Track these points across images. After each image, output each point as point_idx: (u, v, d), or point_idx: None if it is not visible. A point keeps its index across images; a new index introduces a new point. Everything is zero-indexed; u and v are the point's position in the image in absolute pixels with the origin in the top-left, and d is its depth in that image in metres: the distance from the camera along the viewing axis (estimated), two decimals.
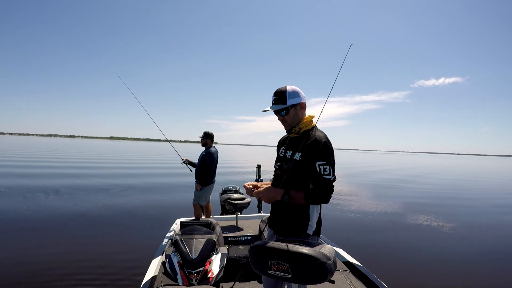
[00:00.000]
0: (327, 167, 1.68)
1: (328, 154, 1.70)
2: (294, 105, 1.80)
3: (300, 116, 1.84)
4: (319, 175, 1.68)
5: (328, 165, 1.69)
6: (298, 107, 1.82)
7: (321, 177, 1.68)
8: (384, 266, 4.51)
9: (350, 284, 2.62)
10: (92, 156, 30.86)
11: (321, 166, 1.68)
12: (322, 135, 1.76)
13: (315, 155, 1.70)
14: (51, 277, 3.73)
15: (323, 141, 1.72)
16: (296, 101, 1.80)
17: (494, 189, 16.49)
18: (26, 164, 19.08)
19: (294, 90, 1.81)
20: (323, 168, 1.68)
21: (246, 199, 4.87)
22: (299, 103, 1.81)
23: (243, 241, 3.94)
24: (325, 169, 1.68)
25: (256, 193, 1.83)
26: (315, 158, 1.69)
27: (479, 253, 5.36)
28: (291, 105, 1.80)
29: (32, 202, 7.99)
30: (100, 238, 5.30)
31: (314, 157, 1.70)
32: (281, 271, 1.49)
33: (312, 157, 1.70)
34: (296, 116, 1.83)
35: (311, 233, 1.77)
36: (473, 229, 7.17)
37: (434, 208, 9.76)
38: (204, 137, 4.95)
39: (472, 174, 28.62)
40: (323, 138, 1.73)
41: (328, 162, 1.69)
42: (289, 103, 1.79)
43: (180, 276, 2.72)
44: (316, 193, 1.69)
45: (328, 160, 1.70)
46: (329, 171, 1.68)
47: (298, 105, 1.81)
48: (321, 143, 1.71)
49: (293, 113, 1.82)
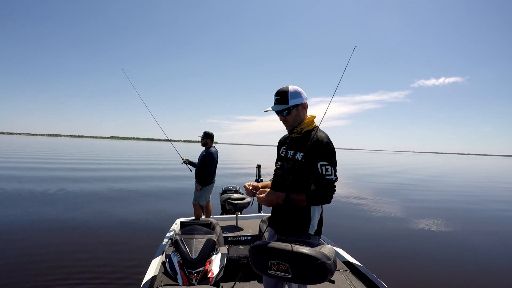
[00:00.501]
0: (329, 168, 1.68)
1: (330, 155, 1.70)
2: (296, 106, 1.80)
3: (301, 117, 1.84)
4: (321, 176, 1.68)
5: (330, 165, 1.68)
6: (300, 108, 1.82)
7: (322, 178, 1.68)
8: (384, 266, 4.52)
9: (350, 284, 2.63)
10: (92, 156, 30.86)
11: (323, 167, 1.68)
12: (324, 136, 1.75)
13: (317, 156, 1.69)
14: (51, 277, 3.73)
15: (325, 142, 1.72)
16: (298, 102, 1.80)
17: (498, 190, 16.47)
18: (25, 164, 19.09)
19: (296, 90, 1.80)
20: (325, 169, 1.67)
21: (246, 199, 4.87)
22: (301, 104, 1.81)
23: (243, 241, 3.94)
24: (327, 169, 1.67)
25: (258, 199, 1.81)
26: (317, 159, 1.69)
27: (479, 253, 5.36)
28: (293, 105, 1.79)
29: (32, 202, 7.99)
30: (100, 237, 5.30)
31: (316, 157, 1.69)
32: (281, 271, 1.49)
33: (314, 158, 1.70)
34: (298, 116, 1.83)
35: (313, 233, 1.77)
36: (474, 230, 7.17)
37: (435, 208, 9.76)
38: (204, 137, 4.94)
39: (477, 174, 28.61)
40: (325, 139, 1.73)
41: (330, 162, 1.69)
42: (291, 104, 1.79)
43: (180, 276, 2.72)
44: (318, 194, 1.69)
45: (330, 161, 1.69)
46: (331, 171, 1.68)
47: (300, 105, 1.81)
48: (323, 144, 1.71)
49: (295, 113, 1.82)
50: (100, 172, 16.26)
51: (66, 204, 7.90)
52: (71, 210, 7.20)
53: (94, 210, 7.31)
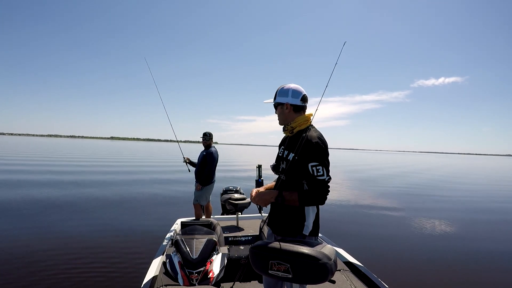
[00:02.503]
0: (320, 168, 1.64)
1: (321, 155, 1.66)
2: (281, 104, 1.84)
3: (286, 116, 1.84)
4: (313, 177, 1.64)
5: (321, 166, 1.64)
6: (284, 107, 1.83)
7: (314, 179, 1.64)
8: (385, 266, 4.52)
9: (351, 284, 2.63)
10: (92, 156, 30.88)
11: (313, 168, 1.64)
12: (315, 135, 1.70)
13: (307, 156, 1.66)
14: (52, 277, 3.73)
15: (315, 141, 1.67)
16: (282, 101, 1.83)
17: (498, 190, 16.46)
18: (26, 164, 19.10)
19: (285, 89, 1.83)
20: (316, 170, 1.63)
21: (247, 199, 4.87)
22: (284, 103, 1.82)
23: (243, 241, 3.95)
24: (318, 170, 1.63)
25: (252, 200, 1.84)
26: (308, 160, 1.66)
27: (480, 253, 5.35)
28: (277, 103, 1.85)
29: (32, 201, 7.99)
30: (100, 238, 5.30)
31: (307, 158, 1.66)
32: (282, 271, 1.49)
33: (305, 158, 1.67)
34: (282, 114, 1.85)
35: (307, 233, 1.75)
36: (475, 230, 7.16)
37: (435, 208, 9.76)
38: (209, 138, 4.96)
39: (477, 175, 28.59)
40: (314, 138, 1.68)
41: (321, 162, 1.64)
42: (276, 101, 1.85)
43: (181, 276, 2.72)
44: (311, 194, 1.66)
45: (321, 161, 1.65)
46: (322, 171, 1.64)
47: (284, 104, 1.82)
48: (313, 144, 1.66)
49: (280, 111, 1.86)
50: (100, 172, 16.26)
51: (65, 204, 7.90)
52: (71, 210, 7.21)
53: (94, 211, 7.31)
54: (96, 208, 7.56)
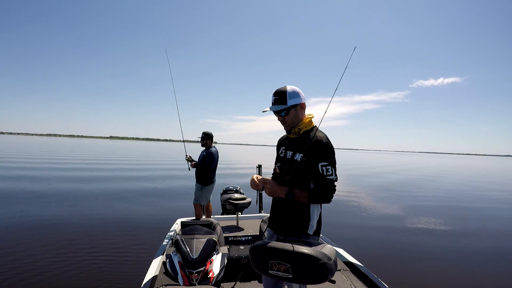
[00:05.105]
0: (330, 168, 1.69)
1: (330, 155, 1.71)
2: (294, 106, 1.79)
3: (300, 117, 1.83)
4: (322, 176, 1.69)
5: (330, 165, 1.70)
6: (298, 108, 1.81)
7: (324, 178, 1.69)
8: (385, 266, 4.52)
9: (351, 284, 2.63)
10: (92, 156, 30.84)
11: (323, 167, 1.69)
12: (323, 136, 1.76)
13: (317, 156, 1.70)
14: (52, 277, 3.73)
15: (325, 142, 1.73)
16: (297, 102, 1.79)
17: (498, 190, 16.47)
18: (26, 164, 19.08)
19: (294, 91, 1.80)
20: (326, 169, 1.69)
21: (247, 199, 4.87)
22: (299, 104, 1.80)
23: (243, 241, 3.95)
24: (327, 170, 1.69)
25: (261, 181, 1.77)
26: (318, 159, 1.70)
27: (480, 253, 5.36)
28: (292, 105, 1.78)
29: (32, 201, 7.99)
30: (100, 238, 5.30)
31: (317, 158, 1.70)
32: (282, 271, 1.49)
33: (315, 158, 1.70)
34: (296, 116, 1.82)
35: (312, 233, 1.78)
36: (474, 229, 7.17)
37: (435, 208, 9.77)
38: (204, 138, 4.92)
39: (477, 174, 28.60)
40: (324, 139, 1.74)
41: (331, 163, 1.70)
42: (289, 104, 1.78)
43: (181, 276, 2.72)
44: (319, 192, 1.70)
45: (331, 161, 1.71)
46: (331, 171, 1.70)
47: (298, 105, 1.80)
48: (323, 144, 1.72)
49: (293, 113, 1.81)
50: (100, 172, 16.25)
51: (66, 204, 7.89)
52: (71, 210, 7.20)
53: (94, 210, 7.30)
54: (95, 207, 7.56)
